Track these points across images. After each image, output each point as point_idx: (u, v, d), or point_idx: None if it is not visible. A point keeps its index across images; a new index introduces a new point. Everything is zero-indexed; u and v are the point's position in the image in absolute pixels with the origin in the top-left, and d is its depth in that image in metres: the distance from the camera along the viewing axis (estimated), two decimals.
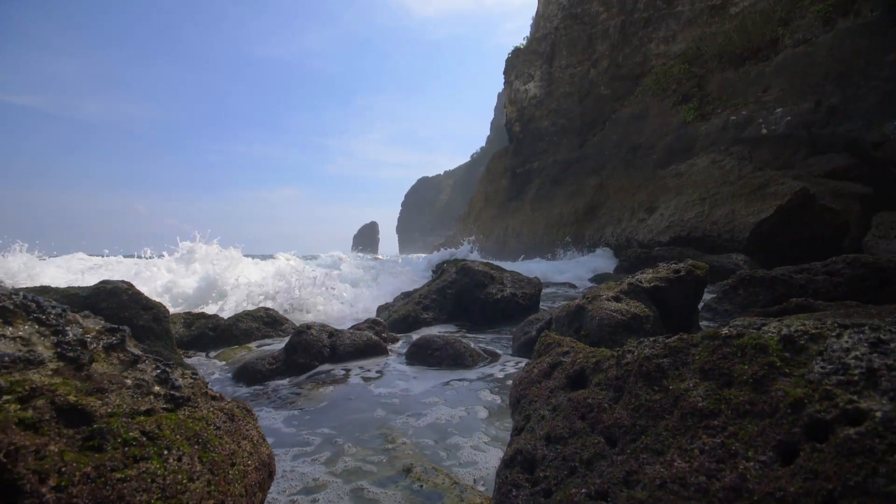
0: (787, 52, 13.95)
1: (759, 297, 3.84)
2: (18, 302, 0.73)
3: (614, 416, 0.84)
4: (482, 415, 2.01)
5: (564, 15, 25.62)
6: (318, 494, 1.25)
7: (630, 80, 21.77)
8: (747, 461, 0.59)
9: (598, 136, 21.80)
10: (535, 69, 27.08)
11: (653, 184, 15.55)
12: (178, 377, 0.82)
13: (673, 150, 16.47)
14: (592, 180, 20.01)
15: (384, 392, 2.36)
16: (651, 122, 18.90)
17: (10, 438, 0.54)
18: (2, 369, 0.62)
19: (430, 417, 1.98)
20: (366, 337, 3.05)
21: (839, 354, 0.63)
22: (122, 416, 0.66)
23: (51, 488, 0.53)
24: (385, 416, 2.00)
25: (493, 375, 2.56)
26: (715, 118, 15.57)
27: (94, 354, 0.76)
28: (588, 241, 16.68)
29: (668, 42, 20.62)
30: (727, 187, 11.65)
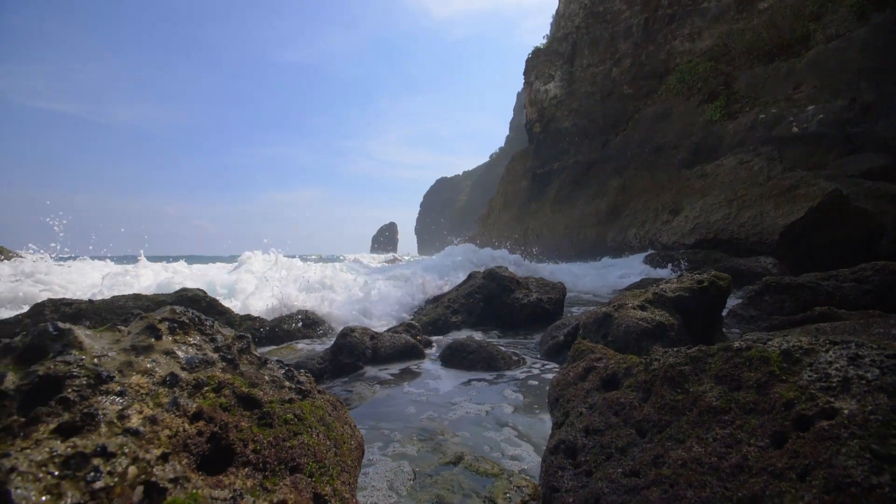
0: (819, 48, 13.55)
1: (786, 304, 3.89)
2: (189, 318, 0.97)
3: (643, 413, 1.04)
4: (516, 413, 2.20)
5: (586, 14, 25.43)
6: (393, 479, 1.48)
7: (654, 79, 21.48)
8: (749, 446, 0.78)
9: (620, 136, 21.58)
10: (555, 69, 26.97)
11: (677, 185, 15.34)
12: (300, 375, 1.06)
13: (698, 150, 16.21)
14: (615, 181, 19.84)
15: (425, 392, 2.58)
16: (675, 121, 18.61)
17: (221, 417, 0.77)
18: (195, 368, 0.86)
19: (470, 414, 2.19)
20: (404, 340, 3.28)
21: (824, 366, 0.80)
22: (277, 403, 0.89)
23: (252, 451, 0.76)
24: (430, 413, 2.22)
25: (524, 378, 2.75)
26: (743, 117, 15.24)
27: (237, 356, 1.01)
28: (610, 242, 16.57)
29: (693, 39, 20.25)
30: (756, 188, 11.43)
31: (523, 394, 2.50)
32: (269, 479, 0.75)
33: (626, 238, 15.91)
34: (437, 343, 3.89)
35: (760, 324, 3.22)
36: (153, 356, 0.84)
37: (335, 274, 6.33)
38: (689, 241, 11.66)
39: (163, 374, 0.80)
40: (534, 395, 2.46)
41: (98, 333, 0.90)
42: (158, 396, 0.74)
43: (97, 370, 0.71)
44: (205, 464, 0.71)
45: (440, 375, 2.90)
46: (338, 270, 7.40)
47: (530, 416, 2.17)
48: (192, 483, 0.63)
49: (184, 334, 0.95)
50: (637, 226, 15.77)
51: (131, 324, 0.97)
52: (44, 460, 0.55)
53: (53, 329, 0.83)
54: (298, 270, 5.93)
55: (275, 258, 6.42)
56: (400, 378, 2.87)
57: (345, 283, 5.78)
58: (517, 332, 4.35)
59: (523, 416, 2.18)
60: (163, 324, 0.92)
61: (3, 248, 13.48)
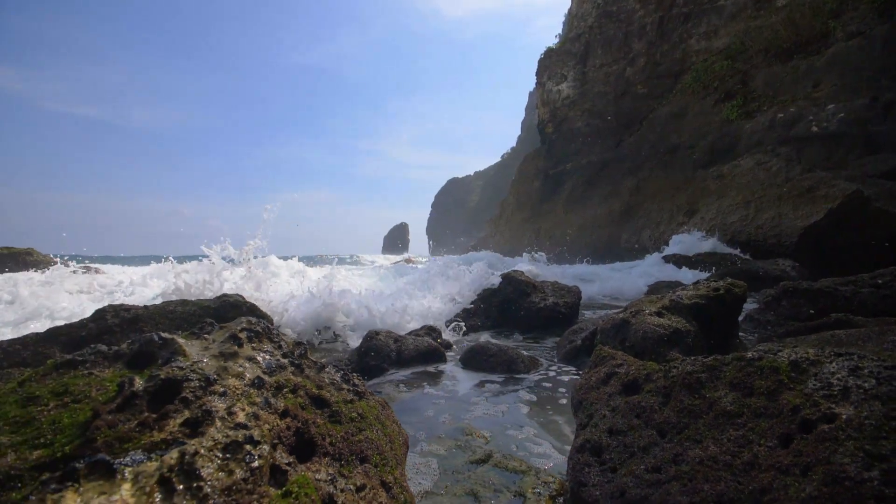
0: (839, 46, 13.31)
1: (803, 309, 3.92)
2: (262, 328, 1.12)
3: (664, 415, 1.15)
4: (536, 415, 2.32)
5: (599, 13, 25.28)
6: (428, 475, 1.61)
7: (668, 78, 21.27)
8: (759, 446, 0.89)
9: (634, 136, 21.42)
10: (568, 69, 26.88)
11: (693, 185, 15.22)
12: (354, 378, 1.20)
13: (715, 150, 16.02)
14: (628, 182, 19.72)
15: (448, 393, 2.71)
16: (691, 120, 18.42)
17: (302, 414, 0.91)
18: (273, 372, 1.00)
19: (492, 415, 2.32)
20: (427, 343, 3.42)
21: (827, 376, 0.91)
22: (342, 403, 1.03)
23: (329, 443, 0.90)
24: (454, 414, 2.35)
25: (544, 382, 2.86)
26: (760, 116, 15.02)
27: (301, 361, 1.15)
28: (624, 244, 16.49)
29: (709, 37, 20.01)
30: (773, 189, 11.30)
31: (542, 396, 2.62)
32: (345, 467, 0.88)
33: (640, 239, 15.82)
34: (456, 345, 4.02)
35: (777, 329, 3.27)
36: (239, 361, 0.99)
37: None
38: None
39: (251, 377, 0.94)
40: (552, 398, 2.57)
41: (188, 341, 1.05)
42: (251, 396, 0.88)
43: (206, 374, 0.86)
44: (294, 454, 0.84)
45: (461, 378, 3.03)
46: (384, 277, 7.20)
47: (550, 417, 2.28)
48: (298, 468, 0.77)
49: (259, 342, 1.10)
50: (651, 227, 15.67)
51: (213, 332, 1.12)
52: (211, 446, 0.69)
53: (159, 339, 0.98)
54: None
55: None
56: (423, 380, 3.00)
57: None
58: (534, 335, 4.45)
59: (543, 417, 2.29)
60: (242, 333, 1.07)
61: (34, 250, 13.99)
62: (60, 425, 0.77)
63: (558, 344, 3.61)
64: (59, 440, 0.74)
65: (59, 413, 0.80)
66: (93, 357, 0.96)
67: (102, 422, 0.73)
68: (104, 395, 0.83)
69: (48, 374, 0.92)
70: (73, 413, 0.80)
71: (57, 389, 0.86)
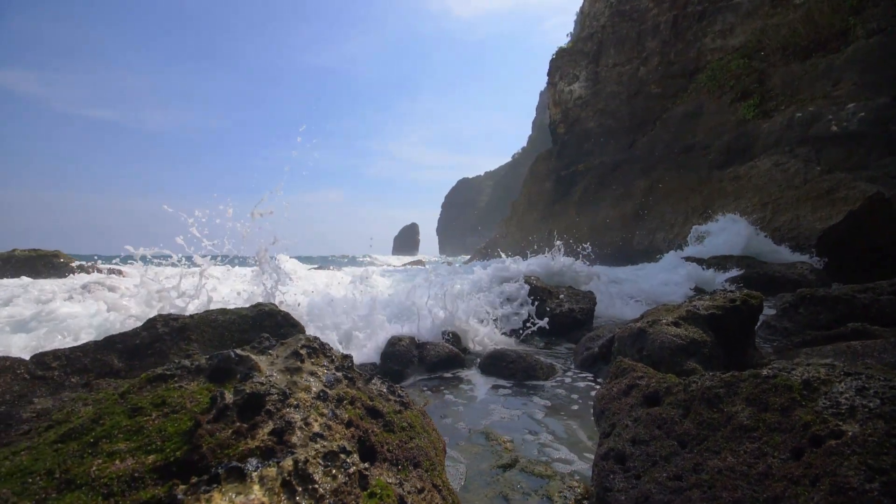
0: (859, 44, 13.07)
1: (821, 317, 3.93)
2: (318, 345, 1.25)
3: (684, 427, 1.25)
4: (557, 421, 2.42)
5: (612, 12, 25.12)
6: (459, 479, 1.73)
7: (683, 78, 21.06)
8: (773, 458, 0.98)
9: (647, 137, 21.26)
10: (580, 69, 26.76)
11: (708, 187, 15.08)
12: (398, 389, 1.32)
13: (731, 151, 15.83)
14: (641, 182, 19.58)
15: (468, 399, 2.83)
16: (706, 120, 18.22)
17: (362, 424, 1.04)
18: (332, 386, 1.13)
19: (513, 421, 2.43)
20: (448, 349, 3.54)
21: (836, 395, 1.00)
22: (393, 413, 1.15)
23: (386, 450, 1.03)
24: (476, 419, 2.47)
25: (561, 388, 2.96)
26: (778, 115, 14.80)
27: (353, 374, 1.28)
28: (637, 245, 16.40)
29: (724, 36, 19.76)
30: (791, 191, 11.17)
31: (561, 403, 2.72)
32: (401, 471, 1.01)
33: (653, 241, 15.73)
34: (474, 351, 4.13)
35: (793, 338, 3.31)
36: (303, 376, 1.12)
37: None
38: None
39: (316, 390, 1.07)
40: (570, 405, 2.68)
41: (257, 357, 1.19)
42: (319, 408, 1.01)
43: (283, 389, 0.99)
44: (361, 460, 0.97)
45: (482, 383, 3.14)
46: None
47: (568, 424, 2.38)
48: (371, 473, 0.89)
49: (317, 358, 1.23)
50: (665, 229, 15.57)
51: (276, 348, 1.25)
52: (315, 455, 0.82)
53: (235, 356, 1.12)
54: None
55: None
56: (444, 385, 3.12)
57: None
58: (549, 340, 4.54)
59: (562, 423, 2.39)
60: (303, 350, 1.20)
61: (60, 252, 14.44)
62: (167, 433, 0.91)
63: (575, 350, 3.70)
64: (168, 446, 0.87)
65: (163, 422, 0.93)
66: (179, 371, 1.10)
67: (204, 430, 0.87)
68: (198, 407, 0.97)
69: (144, 386, 1.06)
70: (174, 422, 0.93)
71: (156, 401, 1.00)
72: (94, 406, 1.05)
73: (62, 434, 0.93)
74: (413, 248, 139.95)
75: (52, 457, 0.87)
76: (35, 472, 0.83)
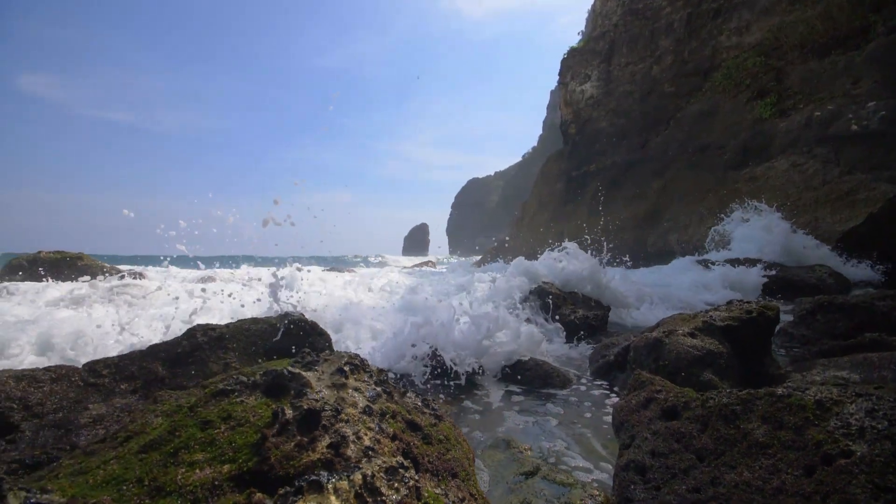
0: (880, 41, 12.80)
1: (839, 324, 3.93)
2: (359, 362, 1.36)
3: (702, 442, 1.33)
4: (574, 431, 2.50)
5: (624, 11, 24.92)
6: (483, 483, 1.82)
7: (697, 76, 20.80)
8: (787, 474, 1.06)
9: (661, 136, 21.05)
10: (592, 69, 26.59)
11: (724, 187, 14.90)
12: (432, 402, 1.42)
13: (747, 151, 15.61)
14: (655, 183, 19.40)
15: (488, 406, 2.92)
16: (722, 119, 17.98)
17: (404, 437, 1.14)
18: (375, 400, 1.23)
19: (532, 429, 2.52)
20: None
21: (847, 416, 1.07)
22: (430, 426, 1.26)
23: (427, 461, 1.12)
24: (495, 427, 2.56)
25: (578, 396, 3.04)
26: (796, 114, 14.56)
27: (390, 388, 1.38)
28: (650, 247, 16.28)
29: (740, 33, 19.46)
30: (810, 192, 11.01)
31: (576, 411, 2.79)
32: (441, 482, 1.11)
33: (667, 243, 15.60)
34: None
35: (810, 348, 3.33)
36: (349, 391, 1.23)
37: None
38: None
39: (362, 405, 1.18)
40: (584, 412, 2.75)
41: (304, 373, 1.30)
42: (366, 422, 1.12)
43: (335, 405, 1.10)
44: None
45: (498, 390, 3.23)
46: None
47: (583, 432, 2.46)
48: (420, 483, 0.99)
49: (358, 374, 1.34)
50: (679, 230, 15.43)
51: (320, 364, 1.36)
52: (378, 470, 0.93)
53: (288, 373, 1.23)
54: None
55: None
56: (461, 392, 3.22)
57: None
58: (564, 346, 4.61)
59: (579, 432, 2.47)
60: (346, 366, 1.31)
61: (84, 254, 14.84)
62: (237, 445, 1.02)
63: (591, 358, 3.76)
64: (240, 457, 0.99)
65: (232, 434, 1.05)
66: (238, 387, 1.22)
67: (271, 444, 0.98)
68: (261, 421, 1.08)
69: (209, 400, 1.18)
70: (242, 435, 1.05)
71: (222, 414, 1.11)
72: (165, 418, 1.18)
73: (144, 444, 1.05)
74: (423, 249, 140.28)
75: (139, 466, 0.99)
76: (127, 480, 0.95)
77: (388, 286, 5.16)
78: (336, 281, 8.19)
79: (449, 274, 10.91)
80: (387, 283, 5.36)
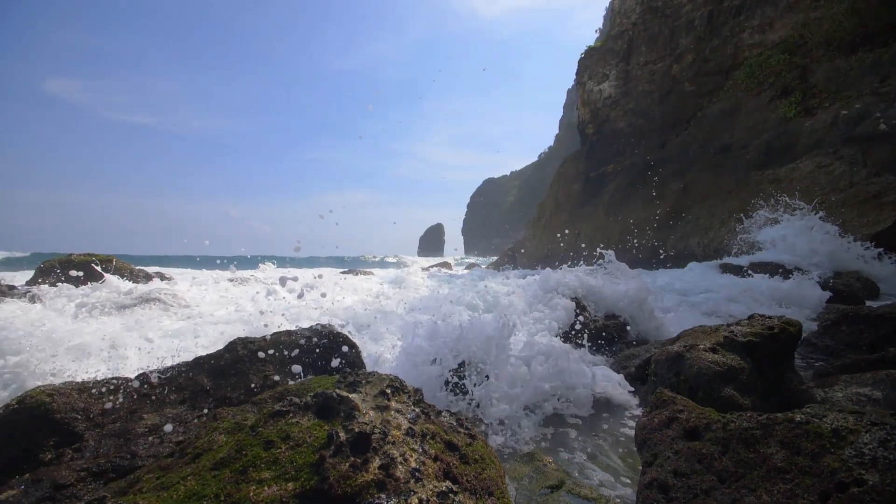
0: None
1: (864, 335, 3.89)
2: (399, 384, 1.48)
3: (723, 464, 1.40)
4: (594, 444, 2.57)
5: (643, 9, 24.59)
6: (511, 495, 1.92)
7: (718, 75, 20.40)
8: (803, 499, 1.13)
9: (681, 136, 20.71)
10: (610, 68, 26.32)
11: (746, 189, 14.60)
12: (466, 421, 1.53)
13: (770, 151, 15.26)
14: (674, 184, 19.11)
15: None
16: (744, 118, 17.60)
17: (444, 457, 1.25)
18: (415, 422, 1.35)
19: (555, 441, 2.60)
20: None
21: (861, 445, 1.14)
22: (466, 446, 1.37)
23: (466, 480, 1.23)
24: (518, 440, 2.65)
25: (597, 408, 3.10)
26: (821, 113, 14.17)
27: (427, 409, 1.50)
28: (670, 250, 16.05)
29: (763, 31, 19.02)
30: (836, 195, 10.73)
31: (594, 422, 2.86)
32: (479, 500, 1.22)
33: (687, 245, 15.37)
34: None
35: (834, 360, 3.32)
36: (392, 413, 1.35)
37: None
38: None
39: (405, 427, 1.30)
40: (602, 423, 2.83)
41: (349, 394, 1.43)
42: (410, 444, 1.24)
43: (382, 427, 1.21)
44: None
45: None
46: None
47: (606, 444, 2.53)
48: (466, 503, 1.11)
49: (399, 395, 1.46)
50: (700, 233, 15.18)
51: (363, 386, 1.49)
52: (430, 494, 1.04)
53: (336, 396, 1.36)
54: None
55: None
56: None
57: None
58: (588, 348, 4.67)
59: (599, 444, 2.54)
60: (388, 389, 1.43)
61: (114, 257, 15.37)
62: (298, 464, 1.15)
63: (611, 367, 3.81)
64: (302, 476, 1.12)
65: (292, 454, 1.18)
66: (292, 408, 1.35)
67: (329, 464, 1.10)
68: (317, 442, 1.21)
69: (268, 421, 1.32)
70: (301, 455, 1.18)
71: (281, 435, 1.25)
72: (229, 436, 1.32)
73: (216, 462, 1.19)
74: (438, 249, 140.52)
75: (213, 483, 1.12)
76: (206, 496, 1.08)
77: (423, 300, 5.11)
78: (364, 285, 8.31)
79: (473, 278, 10.57)
80: (420, 299, 5.28)
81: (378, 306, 5.05)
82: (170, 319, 4.64)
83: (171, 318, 4.63)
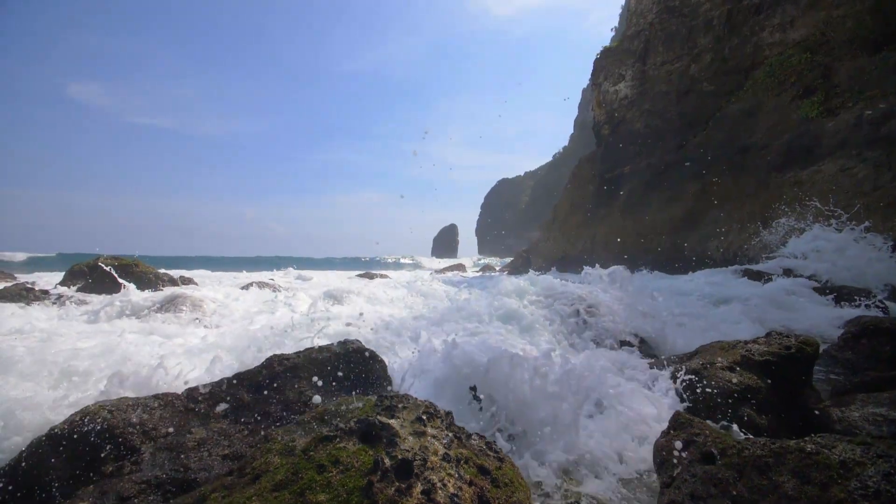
0: None
1: (885, 349, 3.87)
2: (434, 410, 1.61)
3: (738, 489, 1.50)
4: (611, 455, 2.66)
5: (660, 9, 24.32)
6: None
7: (738, 75, 20.06)
8: None
9: (699, 137, 20.41)
10: (626, 68, 26.09)
11: (767, 192, 14.36)
12: (494, 444, 1.66)
13: (791, 151, 14.96)
14: (692, 186, 18.85)
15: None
16: (765, 119, 17.28)
17: (478, 481, 1.38)
18: (449, 447, 1.48)
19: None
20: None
21: (865, 478, 1.23)
22: (496, 469, 1.49)
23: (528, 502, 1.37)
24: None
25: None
26: (845, 113, 13.84)
27: (459, 432, 1.63)
28: (688, 253, 15.85)
29: (784, 29, 18.64)
30: (860, 199, 10.50)
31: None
32: None
33: (705, 249, 15.17)
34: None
35: (853, 377, 3.34)
36: (429, 439, 1.48)
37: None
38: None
39: (441, 452, 1.43)
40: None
41: (388, 420, 1.57)
42: (447, 469, 1.37)
43: (422, 454, 1.35)
44: None
45: None
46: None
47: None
48: None
49: (433, 421, 1.59)
50: (719, 236, 14.97)
51: (400, 412, 1.63)
52: None
53: (379, 423, 1.50)
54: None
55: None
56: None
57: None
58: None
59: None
60: (424, 415, 1.57)
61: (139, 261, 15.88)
62: (348, 487, 1.29)
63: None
64: (353, 499, 1.26)
65: (343, 478, 1.32)
66: (338, 434, 1.50)
67: (377, 488, 1.25)
68: (364, 466, 1.35)
69: (318, 445, 1.47)
70: (350, 479, 1.32)
71: (331, 459, 1.39)
72: (282, 458, 1.47)
73: (275, 484, 1.34)
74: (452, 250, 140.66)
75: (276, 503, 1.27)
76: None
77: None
78: (391, 293, 8.41)
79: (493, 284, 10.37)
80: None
81: (400, 321, 5.18)
82: (202, 331, 4.88)
83: (203, 329, 4.86)
